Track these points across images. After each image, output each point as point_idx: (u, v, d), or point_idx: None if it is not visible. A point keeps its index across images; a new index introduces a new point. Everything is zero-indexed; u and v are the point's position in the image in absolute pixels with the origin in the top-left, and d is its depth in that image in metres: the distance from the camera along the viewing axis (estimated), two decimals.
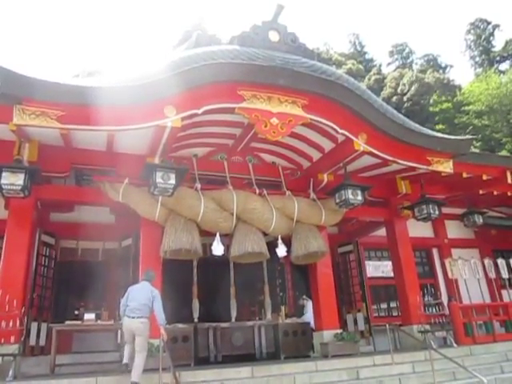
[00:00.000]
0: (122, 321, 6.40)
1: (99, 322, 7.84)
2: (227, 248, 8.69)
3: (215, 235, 8.29)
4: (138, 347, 6.18)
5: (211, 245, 8.31)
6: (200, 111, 6.93)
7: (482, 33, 40.39)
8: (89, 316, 7.79)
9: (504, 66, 36.57)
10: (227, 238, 8.75)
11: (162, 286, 7.61)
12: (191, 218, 8.05)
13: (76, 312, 8.56)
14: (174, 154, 8.55)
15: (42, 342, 8.38)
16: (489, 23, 40.47)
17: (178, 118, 6.75)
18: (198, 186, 8.29)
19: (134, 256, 8.57)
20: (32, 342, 8.15)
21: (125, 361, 6.32)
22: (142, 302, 6.28)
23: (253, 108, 7.28)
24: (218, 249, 8.22)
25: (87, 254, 9.96)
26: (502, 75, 31.85)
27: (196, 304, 9.30)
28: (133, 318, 6.24)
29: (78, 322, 7.81)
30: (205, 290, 9.75)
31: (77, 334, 8.77)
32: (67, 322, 7.75)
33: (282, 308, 10.36)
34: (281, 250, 8.82)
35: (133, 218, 8.26)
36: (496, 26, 40.19)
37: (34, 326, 8.29)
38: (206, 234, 8.46)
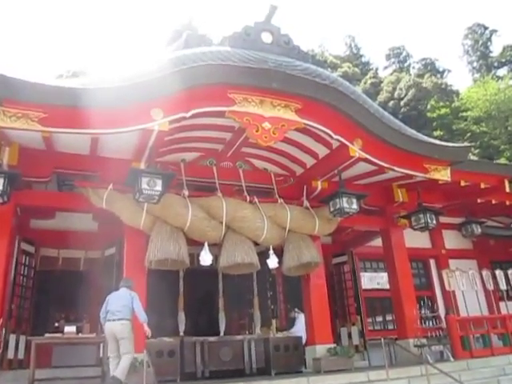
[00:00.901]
0: (104, 327, 6.45)
1: (80, 335, 7.74)
2: (216, 258, 8.65)
3: (203, 245, 8.26)
4: (123, 350, 6.23)
5: (199, 255, 8.26)
6: (188, 114, 6.90)
7: (479, 38, 40.96)
8: (70, 328, 7.67)
9: (502, 72, 37.09)
10: (216, 248, 8.71)
11: (146, 297, 7.54)
12: (178, 226, 8.01)
13: (56, 324, 8.44)
14: (161, 159, 8.51)
15: (21, 356, 8.27)
16: (486, 28, 41.10)
17: (166, 121, 6.72)
18: (186, 192, 8.25)
19: (118, 265, 8.49)
20: (10, 355, 8.05)
21: (112, 373, 6.27)
22: (121, 303, 6.39)
23: (244, 112, 7.28)
24: (206, 259, 8.18)
25: (68, 263, 9.85)
26: (499, 81, 32.24)
27: (182, 317, 9.22)
28: (113, 320, 6.31)
29: (59, 335, 7.68)
30: (192, 302, 9.68)
31: (57, 347, 8.63)
32: (47, 335, 7.63)
33: (273, 321, 10.32)
34: (272, 261, 8.79)
35: (117, 226, 8.19)
36: (493, 32, 40.83)
37: (12, 338, 8.19)
38: (194, 244, 8.41)
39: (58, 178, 8.58)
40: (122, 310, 6.35)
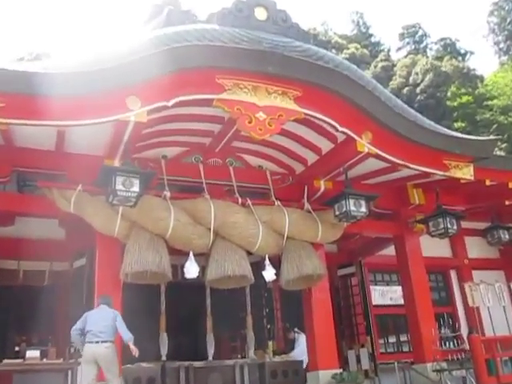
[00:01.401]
0: (81, 349, 6.51)
1: (45, 360, 7.72)
2: (203, 270, 8.66)
3: (188, 254, 8.26)
4: (109, 376, 6.34)
5: (183, 266, 8.27)
6: (170, 103, 6.89)
7: (507, 15, 41.14)
8: (32, 353, 7.66)
9: None
10: (203, 258, 8.72)
11: (122, 315, 7.47)
12: (158, 233, 8.01)
13: (17, 348, 8.44)
14: (139, 155, 8.51)
15: None
16: None
17: (144, 111, 6.71)
18: (168, 194, 8.25)
19: (89, 279, 8.47)
20: None
21: None
22: (104, 323, 6.47)
23: (235, 100, 7.28)
24: (191, 271, 8.17)
25: (31, 277, 9.80)
26: None
27: (164, 338, 9.17)
28: (97, 342, 6.37)
29: (19, 361, 7.67)
30: (175, 322, 9.65)
31: (17, 375, 8.58)
32: (6, 361, 7.62)
33: (270, 343, 10.34)
34: (268, 273, 8.81)
35: (87, 234, 8.18)
36: None
37: None
38: (177, 253, 8.41)
39: (18, 177, 8.50)
40: (106, 330, 6.44)
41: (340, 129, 8.00)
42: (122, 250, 7.92)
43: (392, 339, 12.46)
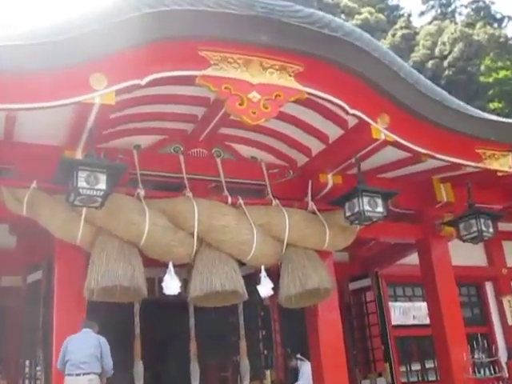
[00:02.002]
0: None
1: None
2: (185, 285, 8.63)
3: (167, 266, 8.24)
4: None
5: (161, 280, 8.23)
6: (143, 82, 6.83)
7: None
8: None
9: None
10: (185, 270, 8.74)
11: None
12: (131, 240, 7.98)
13: None
14: (106, 146, 8.46)
15: None
16: None
17: (111, 91, 6.65)
18: (141, 192, 8.22)
19: (46, 297, 8.47)
20: None
21: None
22: (87, 352, 6.59)
23: (222, 77, 7.24)
24: (171, 286, 8.14)
25: None
26: None
27: (139, 367, 9.16)
28: (77, 375, 6.46)
29: None
30: (152, 347, 9.67)
31: None
32: None
33: (267, 373, 10.32)
34: (264, 288, 8.79)
35: (43, 242, 8.17)
36: None
37: None
38: (154, 265, 8.39)
39: None
40: (89, 360, 6.53)
41: (351, 111, 7.96)
42: (87, 260, 7.88)
43: (415, 366, 12.49)
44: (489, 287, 13.62)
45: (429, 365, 12.32)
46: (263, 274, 8.83)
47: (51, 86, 6.39)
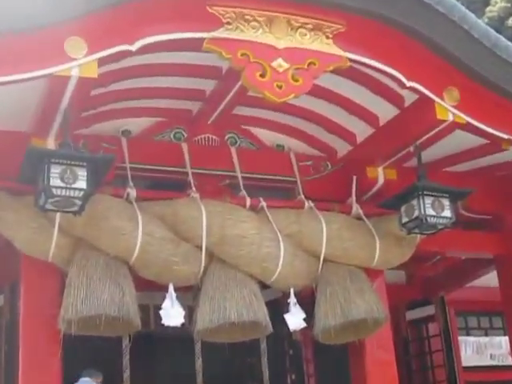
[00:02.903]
0: None
1: None
2: (190, 313, 8.67)
3: (167, 289, 8.24)
4: None
5: (159, 308, 8.24)
6: (134, 47, 6.82)
7: None
8: None
9: None
10: (190, 295, 8.78)
11: None
12: (119, 255, 8.00)
13: None
14: (86, 132, 8.53)
15: None
16: None
17: (93, 60, 6.62)
18: (133, 192, 8.23)
19: (9, 330, 8.56)
20: None
21: None
22: None
23: (238, 39, 7.22)
24: (171, 315, 8.14)
25: None
26: None
27: None
28: None
29: None
30: None
31: None
32: None
33: None
34: (295, 318, 8.77)
35: (7, 258, 8.25)
36: None
37: None
38: (149, 287, 8.44)
39: None
40: None
41: (408, 84, 7.92)
42: (62, 282, 7.92)
43: None
44: None
45: None
46: (293, 299, 8.80)
47: (14, 54, 6.36)
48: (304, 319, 8.82)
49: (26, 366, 7.66)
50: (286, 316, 8.79)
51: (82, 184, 7.14)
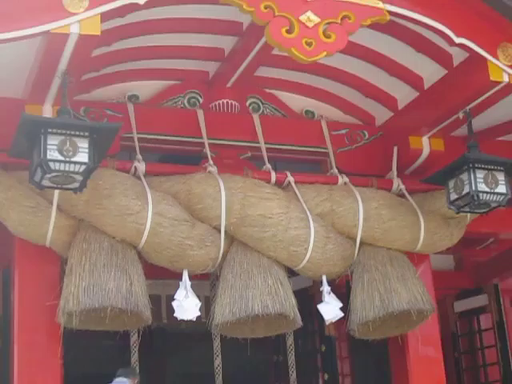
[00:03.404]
0: None
1: None
2: (207, 305, 8.75)
3: (180, 277, 8.29)
4: None
5: (172, 298, 8.27)
6: (142, 0, 6.87)
7: None
8: None
9: None
10: (207, 284, 8.92)
11: None
12: (126, 238, 8.05)
13: None
14: (88, 97, 8.58)
15: None
16: None
17: (95, 15, 6.66)
18: (141, 166, 8.28)
19: (3, 321, 8.59)
20: None
21: None
22: None
23: None
24: (186, 307, 8.18)
25: None
26: None
27: None
28: None
29: None
30: None
31: None
32: None
33: None
34: (330, 309, 8.79)
35: None
36: None
37: None
38: (161, 275, 8.52)
39: None
40: None
41: (457, 40, 7.86)
42: (62, 270, 7.98)
43: None
44: None
45: None
46: (326, 287, 8.82)
47: (6, 10, 6.40)
48: (341, 308, 8.82)
49: (22, 365, 7.70)
50: (320, 306, 8.81)
51: (83, 157, 7.13)
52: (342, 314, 8.86)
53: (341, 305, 8.82)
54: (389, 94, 9.49)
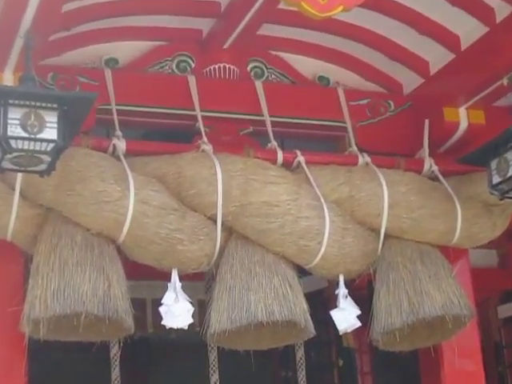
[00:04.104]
0: None
1: None
2: (202, 311, 8.78)
3: (169, 277, 8.32)
4: None
5: (159, 302, 8.31)
6: None
7: None
8: None
9: None
10: (201, 285, 8.98)
11: None
12: (103, 230, 8.08)
13: None
14: (56, 61, 8.60)
15: None
16: None
17: None
18: (121, 144, 8.32)
19: None
20: None
21: None
22: None
23: None
24: (176, 312, 8.21)
25: None
26: None
27: None
28: None
29: None
30: None
31: None
32: None
33: None
34: (345, 315, 8.82)
35: None
36: None
37: None
38: (145, 275, 8.59)
39: None
40: None
41: None
42: (26, 269, 8.03)
43: None
44: None
45: None
46: (342, 290, 8.86)
47: None
48: (358, 317, 8.85)
49: None
50: (334, 313, 8.83)
51: (51, 134, 7.12)
52: (359, 324, 8.89)
53: (358, 312, 8.84)
54: (419, 57, 9.49)
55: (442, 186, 9.23)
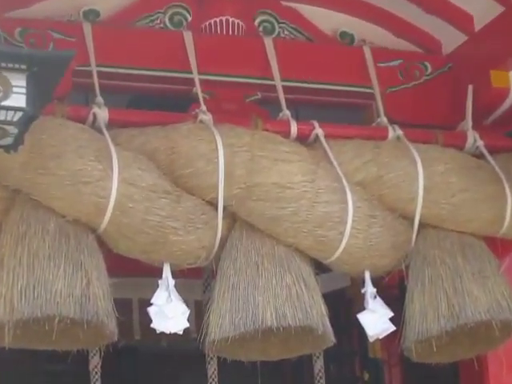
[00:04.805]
0: None
1: None
2: (198, 314, 8.86)
3: (160, 274, 8.32)
4: None
5: (148, 303, 8.31)
6: None
7: None
8: None
9: None
10: (199, 284, 9.07)
11: None
12: (81, 217, 8.10)
13: None
14: (24, 14, 8.60)
15: None
16: None
17: None
18: (103, 113, 8.32)
19: None
20: None
21: None
22: None
23: None
24: (169, 315, 8.21)
25: None
26: None
27: None
28: None
29: None
30: None
31: None
32: None
33: None
34: (374, 319, 8.82)
35: None
36: None
37: None
38: (131, 271, 8.67)
39: None
40: None
41: None
42: None
43: None
44: None
45: None
46: (370, 289, 8.87)
47: None
48: (392, 319, 8.83)
49: None
50: (361, 316, 8.82)
51: (18, 100, 7.16)
52: (393, 328, 8.87)
53: (391, 314, 8.83)
54: (461, 10, 9.48)
55: (489, 165, 9.20)
